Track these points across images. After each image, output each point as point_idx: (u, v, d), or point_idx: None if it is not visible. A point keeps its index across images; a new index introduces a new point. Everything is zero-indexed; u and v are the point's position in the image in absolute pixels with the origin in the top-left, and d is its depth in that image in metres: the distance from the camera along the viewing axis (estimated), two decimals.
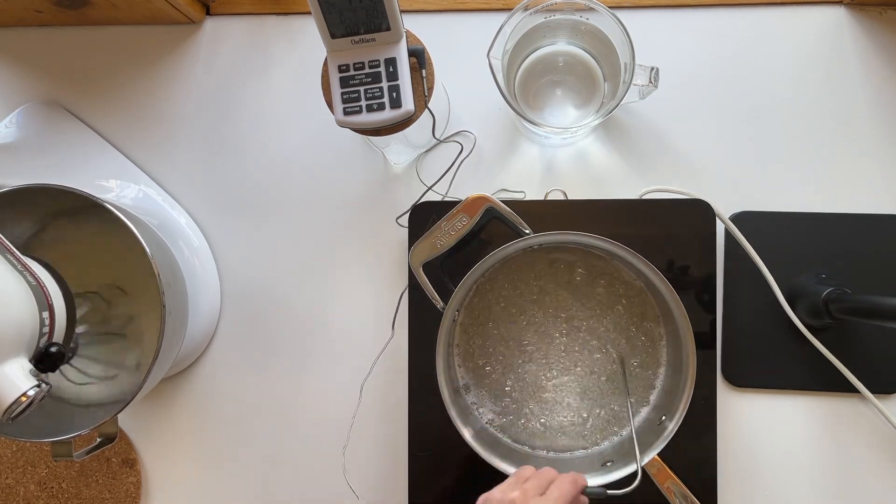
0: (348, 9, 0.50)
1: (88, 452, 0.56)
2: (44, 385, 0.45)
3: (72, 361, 0.60)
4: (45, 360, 0.46)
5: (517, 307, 0.63)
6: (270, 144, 0.68)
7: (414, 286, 0.61)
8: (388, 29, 0.52)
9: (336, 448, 0.66)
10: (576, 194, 0.65)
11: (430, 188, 0.65)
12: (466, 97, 0.67)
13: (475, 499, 0.50)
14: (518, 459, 0.58)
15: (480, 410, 0.63)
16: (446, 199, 0.66)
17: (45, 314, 0.47)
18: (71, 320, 0.50)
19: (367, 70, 0.53)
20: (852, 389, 0.63)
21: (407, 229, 0.65)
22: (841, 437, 0.64)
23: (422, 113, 0.55)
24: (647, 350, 0.62)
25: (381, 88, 0.53)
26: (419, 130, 0.59)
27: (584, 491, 0.52)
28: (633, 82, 0.56)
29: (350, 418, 0.65)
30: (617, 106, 0.56)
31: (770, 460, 0.64)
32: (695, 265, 0.63)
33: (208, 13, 0.70)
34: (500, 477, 0.56)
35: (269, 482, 0.67)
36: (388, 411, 0.66)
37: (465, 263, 0.58)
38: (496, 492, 0.49)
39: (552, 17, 0.58)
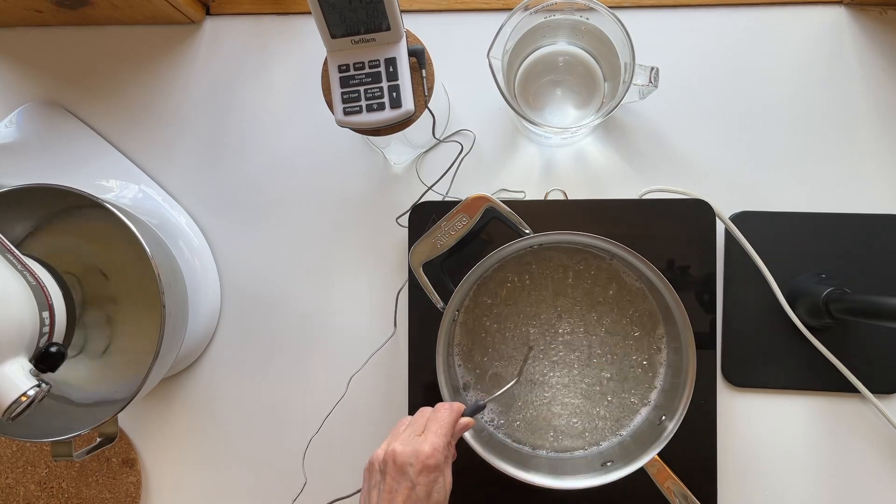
0: (348, 9, 0.50)
1: (88, 452, 0.56)
2: (44, 385, 0.45)
3: (74, 359, 0.60)
4: (45, 360, 0.47)
5: (517, 307, 0.63)
6: (270, 144, 0.68)
7: (414, 286, 0.61)
8: (388, 29, 0.52)
9: (333, 446, 0.66)
10: (576, 194, 0.65)
11: (430, 188, 0.65)
12: (466, 97, 0.67)
13: (474, 498, 0.50)
14: (518, 459, 0.58)
15: None
16: (446, 199, 0.66)
17: (45, 314, 0.47)
18: (71, 320, 0.50)
19: (367, 70, 0.53)
20: (852, 389, 0.63)
21: (407, 229, 0.65)
22: (841, 437, 0.64)
23: (422, 113, 0.55)
24: (648, 350, 0.62)
25: (381, 88, 0.53)
26: (419, 130, 0.59)
27: (465, 413, 0.52)
28: (633, 82, 0.56)
29: (344, 412, 0.65)
30: (617, 106, 0.56)
31: (770, 460, 0.64)
32: (695, 265, 0.63)
33: (208, 13, 0.70)
34: (500, 476, 0.56)
35: (269, 481, 0.67)
36: (387, 411, 0.66)
37: (465, 263, 0.58)
38: (378, 451, 0.48)
39: (552, 17, 0.58)
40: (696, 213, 0.63)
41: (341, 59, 0.53)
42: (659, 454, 0.56)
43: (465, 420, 0.52)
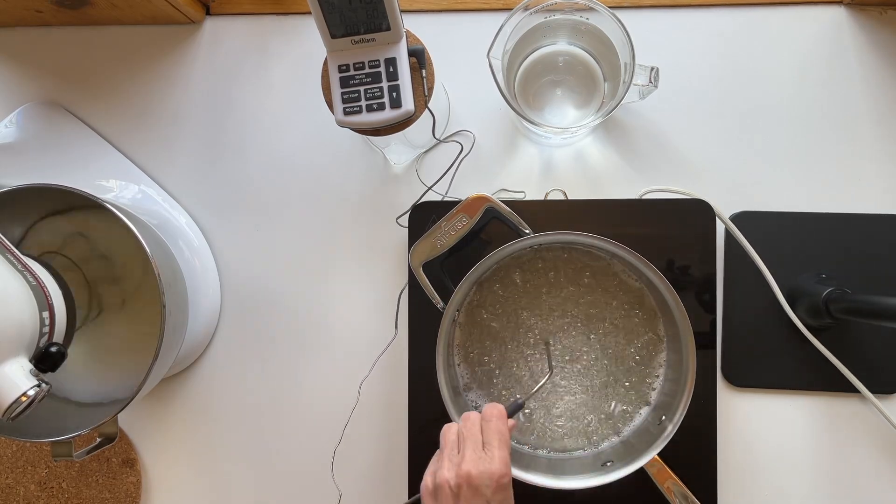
0: (348, 9, 0.50)
1: (88, 452, 0.56)
2: (44, 385, 0.45)
3: (71, 360, 0.60)
4: (45, 360, 0.47)
5: (517, 307, 0.63)
6: (270, 144, 0.68)
7: (414, 286, 0.61)
8: (388, 29, 0.52)
9: (333, 447, 0.66)
10: (576, 194, 0.65)
11: (430, 188, 0.65)
12: (466, 97, 0.67)
13: None
14: (517, 459, 0.58)
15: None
16: (446, 199, 0.66)
17: (45, 314, 0.47)
18: (71, 320, 0.50)
19: (367, 70, 0.53)
20: (852, 389, 0.63)
21: (407, 229, 0.65)
22: (841, 437, 0.64)
23: (422, 113, 0.55)
24: (647, 350, 0.62)
25: (381, 88, 0.53)
26: (419, 130, 0.59)
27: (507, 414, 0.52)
28: (633, 82, 0.56)
29: (347, 417, 0.65)
30: (617, 106, 0.56)
31: (770, 460, 0.64)
32: (695, 265, 0.63)
33: (208, 13, 0.70)
34: None
35: (269, 482, 0.67)
36: (387, 411, 0.66)
37: (465, 263, 0.58)
38: (443, 472, 0.47)
39: (552, 17, 0.58)
40: (696, 213, 0.63)
41: (341, 59, 0.53)
42: (659, 454, 0.56)
43: (511, 422, 0.52)
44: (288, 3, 0.68)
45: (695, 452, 0.61)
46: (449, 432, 0.50)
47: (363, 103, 0.53)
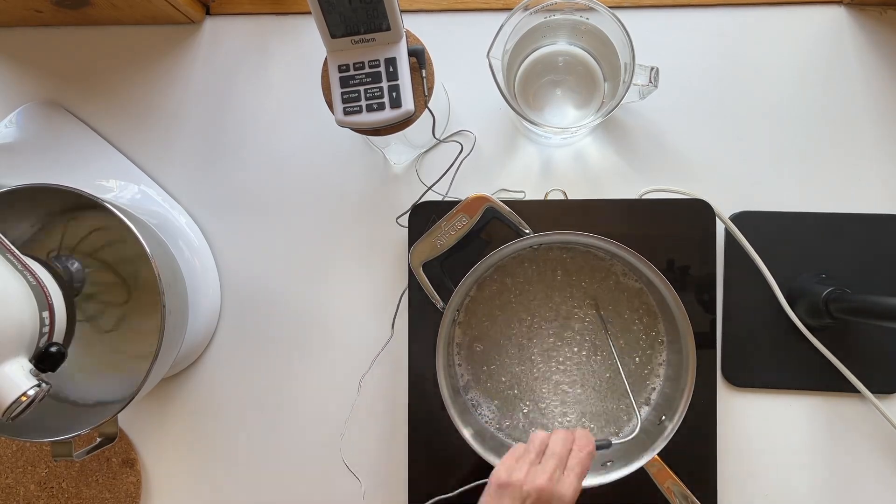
0: (348, 9, 0.50)
1: (88, 452, 0.56)
2: (44, 385, 0.45)
3: (72, 360, 0.60)
4: (45, 360, 0.46)
5: (517, 307, 0.63)
6: (270, 144, 0.68)
7: (414, 286, 0.61)
8: (388, 29, 0.52)
9: (334, 446, 0.66)
10: (576, 194, 0.65)
11: (430, 188, 0.65)
12: (466, 97, 0.67)
13: (473, 498, 0.50)
14: None
15: (480, 410, 0.63)
16: (446, 199, 0.66)
17: (45, 314, 0.47)
18: (71, 320, 0.50)
19: (367, 70, 0.53)
20: (852, 389, 0.63)
21: (407, 229, 0.65)
22: (841, 437, 0.64)
23: (422, 113, 0.55)
24: (647, 350, 0.62)
25: (381, 88, 0.53)
26: (419, 130, 0.59)
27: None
28: (633, 82, 0.56)
29: (348, 414, 0.65)
30: (617, 106, 0.56)
31: (770, 460, 0.64)
32: (695, 265, 0.63)
33: (208, 13, 0.70)
34: None
35: (270, 481, 0.67)
36: (388, 410, 0.66)
37: (465, 263, 0.58)
38: (518, 474, 0.48)
39: (552, 17, 0.58)
40: (696, 213, 0.63)
41: (341, 59, 0.53)
42: (659, 454, 0.56)
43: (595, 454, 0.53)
44: (288, 3, 0.68)
45: (695, 452, 0.61)
46: (537, 439, 0.51)
47: (363, 103, 0.53)
